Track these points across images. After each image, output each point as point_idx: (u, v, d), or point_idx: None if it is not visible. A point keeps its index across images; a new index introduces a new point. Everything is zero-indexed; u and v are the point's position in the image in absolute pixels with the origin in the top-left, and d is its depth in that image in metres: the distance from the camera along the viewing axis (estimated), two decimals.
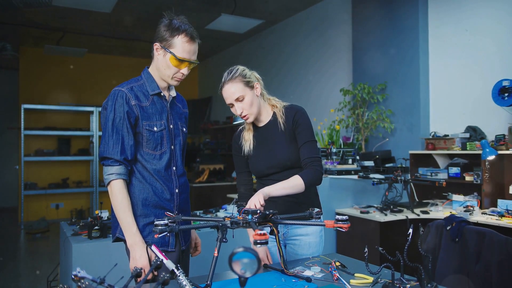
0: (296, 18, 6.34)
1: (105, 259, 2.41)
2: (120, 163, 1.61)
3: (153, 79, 1.73)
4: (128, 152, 1.63)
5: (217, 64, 8.74)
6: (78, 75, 8.28)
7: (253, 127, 1.91)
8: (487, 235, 2.51)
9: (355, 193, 3.76)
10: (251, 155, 1.89)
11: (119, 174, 1.61)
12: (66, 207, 7.77)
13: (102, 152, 1.63)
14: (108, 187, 1.63)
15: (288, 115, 1.84)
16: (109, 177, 1.61)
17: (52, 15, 6.16)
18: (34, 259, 5.12)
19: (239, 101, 1.77)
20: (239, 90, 1.75)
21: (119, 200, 1.61)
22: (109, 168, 1.61)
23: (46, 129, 7.47)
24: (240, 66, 1.81)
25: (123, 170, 1.63)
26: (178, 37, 1.64)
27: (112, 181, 1.60)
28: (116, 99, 1.63)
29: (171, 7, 1.80)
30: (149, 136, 1.68)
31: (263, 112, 1.88)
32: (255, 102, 1.80)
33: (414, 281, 1.39)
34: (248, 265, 0.95)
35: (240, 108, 1.77)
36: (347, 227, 1.35)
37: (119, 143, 1.61)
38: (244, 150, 1.90)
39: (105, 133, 1.63)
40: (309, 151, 1.78)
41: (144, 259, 1.59)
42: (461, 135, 3.74)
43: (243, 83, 1.76)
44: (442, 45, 4.22)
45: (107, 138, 1.62)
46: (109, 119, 1.62)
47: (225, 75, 1.79)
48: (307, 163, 1.77)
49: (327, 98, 5.47)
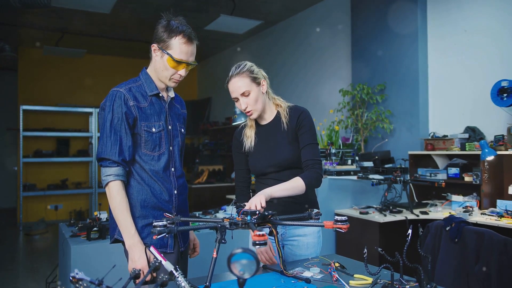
0: (295, 19, 6.35)
1: (103, 260, 2.40)
2: (118, 164, 1.60)
3: (151, 80, 1.73)
4: (126, 153, 1.62)
5: (216, 65, 8.74)
6: (77, 76, 8.28)
7: (256, 125, 1.92)
8: (486, 235, 2.51)
9: (354, 193, 3.75)
10: (251, 152, 1.89)
11: (117, 176, 1.60)
12: (65, 208, 7.77)
13: (100, 153, 1.61)
14: (106, 189, 1.61)
15: (292, 115, 1.84)
16: (107, 178, 1.60)
17: (51, 15, 6.16)
18: (32, 260, 5.11)
19: (244, 96, 1.78)
20: (246, 85, 1.76)
21: (118, 201, 1.60)
22: (107, 169, 1.60)
23: (45, 130, 7.46)
24: (248, 62, 1.83)
25: (121, 171, 1.61)
26: (176, 38, 1.63)
27: (110, 182, 1.59)
28: (114, 99, 1.62)
29: (170, 7, 1.80)
30: (148, 137, 1.67)
31: (267, 110, 1.88)
32: (260, 99, 1.80)
33: (413, 281, 1.39)
34: (246, 266, 0.95)
35: (245, 103, 1.78)
36: (346, 227, 1.35)
37: (117, 144, 1.60)
38: (245, 147, 1.90)
39: (103, 134, 1.62)
40: (311, 153, 1.79)
41: (143, 260, 1.59)
42: (460, 136, 3.74)
43: (250, 78, 1.78)
44: (441, 46, 4.23)
45: (105, 139, 1.61)
46: (107, 119, 1.62)
47: (232, 69, 1.80)
48: (308, 165, 1.77)
49: (326, 98, 5.47)
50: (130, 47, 8.05)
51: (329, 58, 5.66)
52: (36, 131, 7.33)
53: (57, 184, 7.63)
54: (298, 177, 1.71)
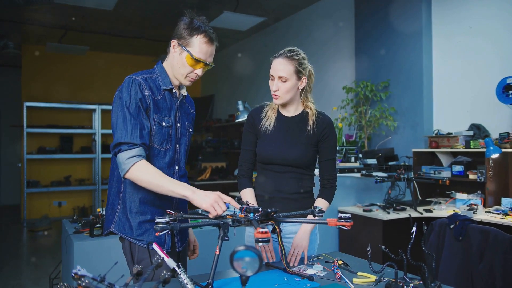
0: (299, 16, 6.32)
1: (106, 257, 2.40)
2: (139, 146, 1.53)
3: (166, 74, 1.70)
4: (146, 138, 1.57)
5: (220, 62, 8.71)
6: (81, 72, 8.29)
7: (277, 112, 1.92)
8: (491, 233, 2.49)
9: (357, 191, 3.74)
10: (265, 136, 1.88)
11: (140, 156, 1.51)
12: (68, 205, 7.79)
13: (119, 138, 1.51)
14: (130, 174, 1.49)
15: (320, 122, 1.87)
16: (131, 161, 1.49)
17: (54, 12, 6.16)
18: (36, 256, 5.13)
19: (281, 80, 1.78)
20: (287, 72, 1.77)
21: (153, 173, 1.50)
22: (127, 153, 1.50)
23: (48, 127, 7.47)
24: (303, 53, 1.84)
25: (143, 152, 1.53)
26: (197, 36, 1.61)
27: (136, 163, 1.49)
28: (131, 85, 1.58)
29: (173, 4, 1.80)
30: (158, 129, 1.63)
31: (294, 104, 1.89)
32: (292, 91, 1.82)
33: (417, 280, 1.38)
34: (249, 263, 0.94)
35: (276, 86, 1.79)
36: (350, 225, 1.34)
37: (137, 128, 1.54)
38: (263, 125, 1.88)
39: (122, 119, 1.54)
40: (331, 168, 1.90)
41: (211, 195, 1.46)
42: (465, 133, 3.71)
43: (295, 68, 1.78)
44: (446, 42, 4.20)
45: (125, 123, 1.53)
46: (125, 105, 1.55)
47: (286, 49, 1.81)
48: (328, 179, 1.90)
49: (330, 95, 5.45)
50: (133, 44, 8.05)
51: (333, 55, 5.64)
52: (40, 128, 7.35)
53: (61, 181, 7.65)
54: (323, 200, 1.87)
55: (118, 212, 1.64)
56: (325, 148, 1.87)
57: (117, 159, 1.52)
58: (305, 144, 1.84)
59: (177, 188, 1.48)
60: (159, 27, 6.92)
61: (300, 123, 1.87)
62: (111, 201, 1.68)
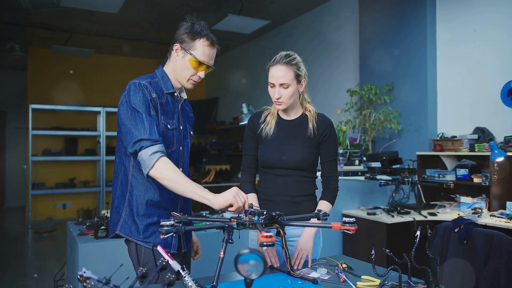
0: (303, 19, 6.33)
1: (111, 259, 2.41)
2: (160, 142, 1.53)
3: (168, 78, 1.72)
4: (161, 137, 1.57)
5: (223, 65, 8.74)
6: (86, 75, 8.34)
7: (277, 116, 1.93)
8: (495, 237, 2.48)
9: (361, 194, 3.73)
10: (266, 141, 1.89)
11: (163, 152, 1.52)
12: (73, 207, 7.82)
13: (137, 136, 1.50)
14: (155, 170, 1.48)
15: (320, 124, 1.87)
16: (155, 156, 1.48)
17: (59, 15, 6.21)
18: (41, 258, 5.15)
19: (282, 87, 1.78)
20: (288, 79, 1.77)
21: (177, 171, 1.50)
22: (149, 149, 1.49)
23: (53, 129, 7.52)
24: (298, 56, 1.82)
25: (163, 149, 1.53)
26: (200, 40, 1.66)
27: (160, 158, 1.49)
28: (138, 88, 1.60)
29: (178, 7, 1.82)
30: (165, 131, 1.66)
31: (294, 107, 1.89)
32: (294, 96, 1.82)
33: (421, 283, 1.38)
34: (254, 266, 0.95)
35: (279, 93, 1.78)
36: (354, 229, 1.34)
37: (153, 125, 1.55)
38: (263, 130, 1.89)
39: (135, 118, 1.54)
40: (332, 169, 1.91)
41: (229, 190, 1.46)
42: (469, 137, 3.70)
43: (294, 73, 1.78)
44: (450, 46, 4.19)
45: (142, 121, 1.53)
46: (136, 106, 1.56)
47: (282, 55, 1.79)
48: (330, 180, 1.91)
49: (334, 98, 5.45)
50: (138, 46, 8.09)
51: (337, 58, 5.64)
52: (45, 130, 7.39)
53: (65, 183, 7.68)
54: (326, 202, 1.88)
55: (123, 215, 1.65)
56: (326, 150, 1.88)
57: (139, 157, 1.51)
58: (307, 146, 1.85)
59: (201, 191, 1.47)
60: (164, 30, 6.96)
61: (300, 126, 1.88)
62: (116, 204, 1.69)
